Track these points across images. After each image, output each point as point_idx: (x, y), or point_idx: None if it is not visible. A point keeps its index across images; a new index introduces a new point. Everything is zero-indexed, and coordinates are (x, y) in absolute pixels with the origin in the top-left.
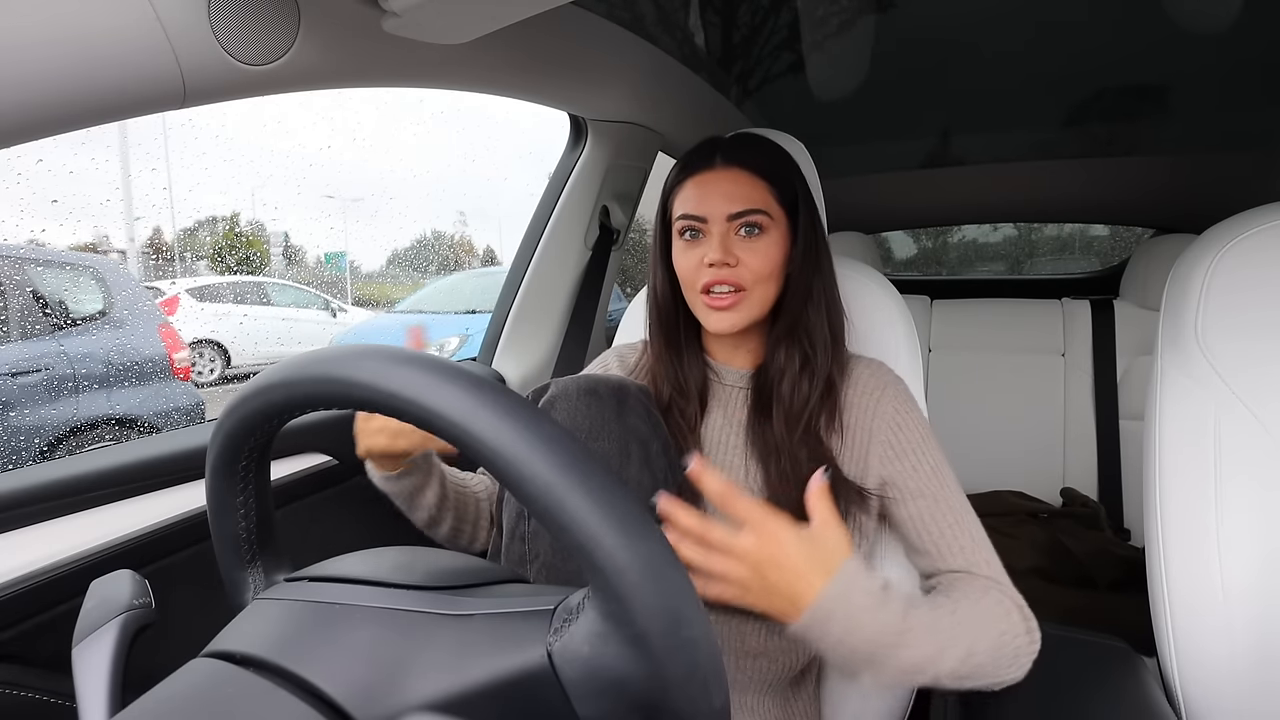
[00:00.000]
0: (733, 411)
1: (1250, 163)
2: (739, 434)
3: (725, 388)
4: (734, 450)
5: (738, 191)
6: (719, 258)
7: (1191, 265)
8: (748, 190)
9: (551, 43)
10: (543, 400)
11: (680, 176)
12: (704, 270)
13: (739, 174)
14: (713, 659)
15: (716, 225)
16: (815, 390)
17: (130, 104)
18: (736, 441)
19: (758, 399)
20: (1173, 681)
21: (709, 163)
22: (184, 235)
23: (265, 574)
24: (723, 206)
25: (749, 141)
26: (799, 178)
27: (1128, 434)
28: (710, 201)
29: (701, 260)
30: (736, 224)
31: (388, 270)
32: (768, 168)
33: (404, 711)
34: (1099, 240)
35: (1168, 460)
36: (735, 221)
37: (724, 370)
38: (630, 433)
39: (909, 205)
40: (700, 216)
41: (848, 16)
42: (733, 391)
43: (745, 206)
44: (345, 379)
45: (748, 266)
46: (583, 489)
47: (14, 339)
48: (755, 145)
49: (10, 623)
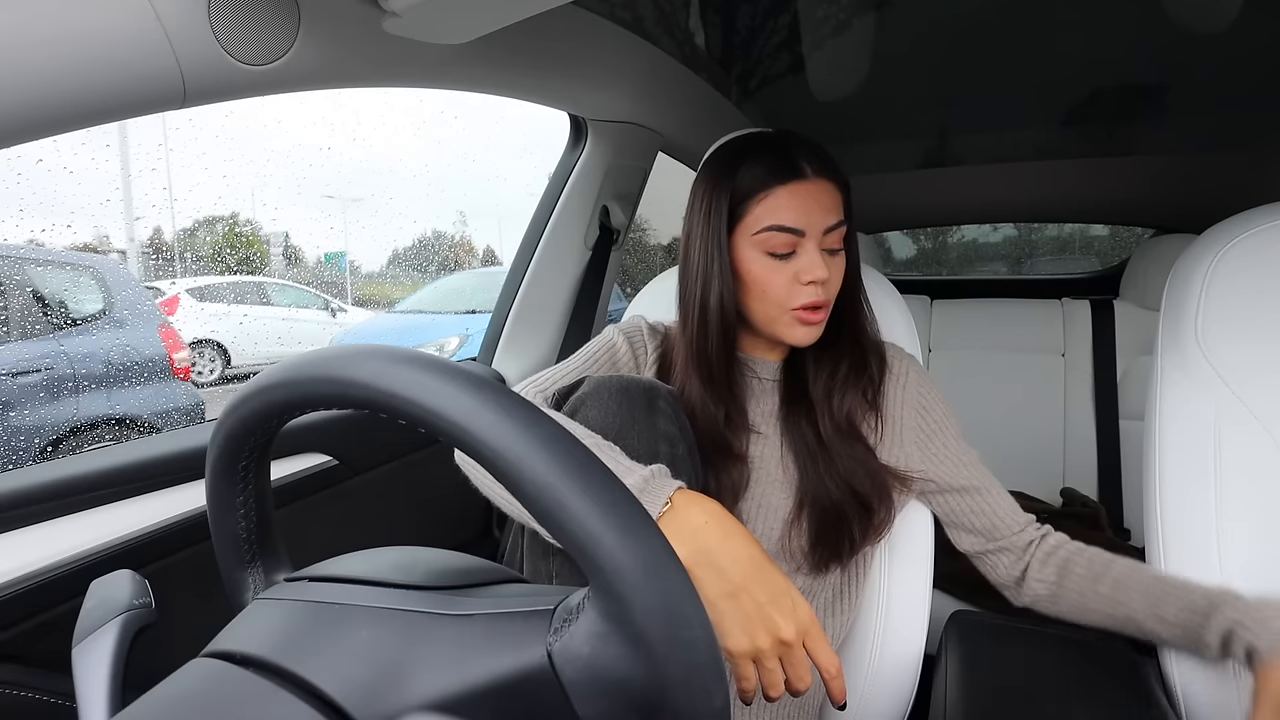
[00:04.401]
0: (765, 403)
1: (1250, 162)
2: (773, 426)
3: (759, 381)
4: (769, 443)
5: (832, 204)
6: (824, 275)
7: (1191, 265)
8: (836, 202)
9: (551, 43)
10: (575, 395)
11: (767, 182)
12: (801, 289)
13: (828, 185)
14: (713, 659)
15: (813, 239)
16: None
17: (130, 104)
18: (770, 433)
19: (788, 391)
20: (1173, 681)
21: (799, 172)
22: (184, 235)
23: (265, 574)
24: (820, 219)
25: (818, 148)
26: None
27: (1128, 434)
28: (810, 214)
29: (795, 277)
30: (830, 238)
31: (388, 270)
32: (842, 178)
33: (404, 711)
34: (1099, 240)
35: (1168, 460)
36: (829, 236)
37: (758, 364)
38: (659, 434)
39: (909, 205)
40: (799, 230)
41: (847, 16)
42: (765, 384)
43: (838, 219)
44: (346, 379)
45: (834, 282)
46: (583, 489)
47: (14, 339)
48: (826, 153)
49: (10, 623)
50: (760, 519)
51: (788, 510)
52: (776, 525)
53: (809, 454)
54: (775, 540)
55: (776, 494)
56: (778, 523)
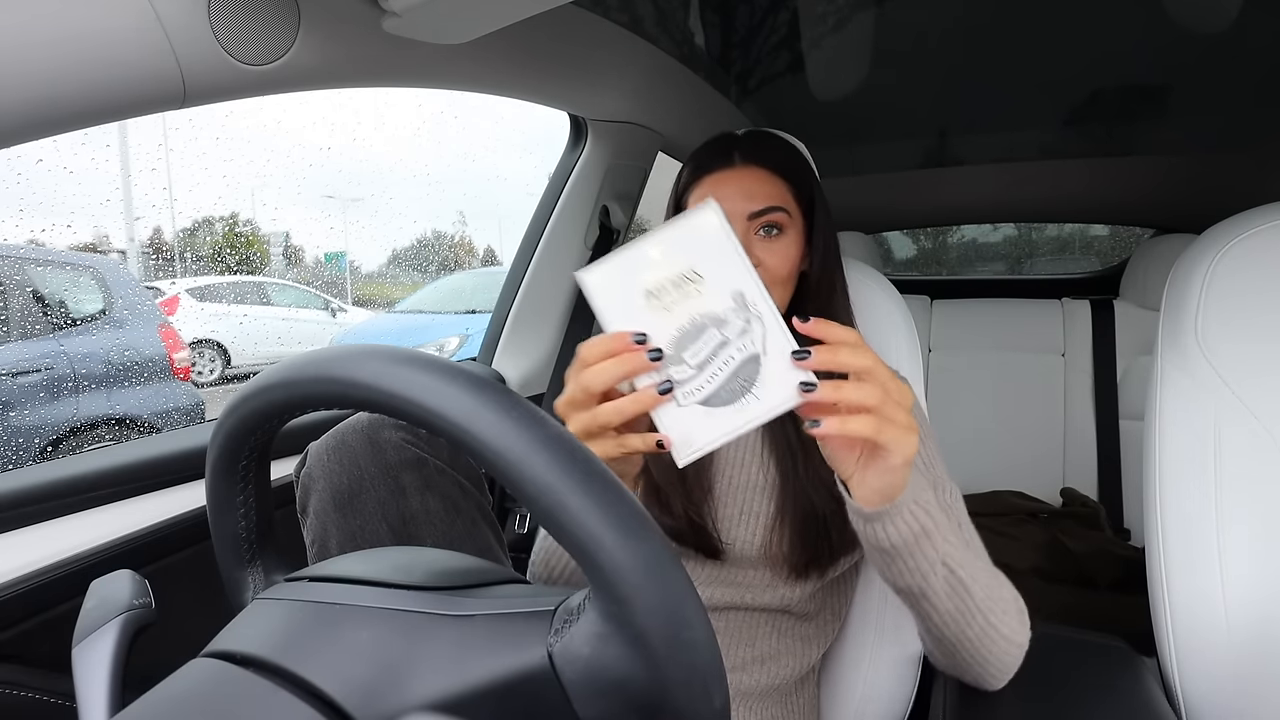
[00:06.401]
0: None
1: (1250, 162)
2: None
3: None
4: (749, 445)
5: (759, 189)
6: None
7: (1191, 265)
8: (768, 188)
9: (551, 43)
10: (304, 472)
11: (695, 174)
12: None
13: (758, 172)
14: (713, 660)
15: (737, 225)
16: None
17: (130, 104)
18: (752, 435)
19: None
20: (1173, 681)
21: (727, 160)
22: (184, 235)
23: (265, 574)
24: (743, 205)
25: (765, 139)
26: (814, 176)
27: (1128, 434)
28: (730, 200)
29: None
30: (757, 223)
31: (388, 270)
32: (786, 165)
33: (404, 712)
34: (1099, 240)
35: (1168, 460)
36: (755, 221)
37: None
38: (389, 468)
39: (909, 205)
40: None
41: (847, 16)
42: None
43: (766, 204)
44: (346, 379)
45: (766, 268)
46: (583, 489)
47: (14, 339)
48: (772, 142)
49: (10, 623)
50: (743, 526)
51: (769, 515)
52: (759, 531)
53: (789, 451)
54: (756, 547)
55: (757, 499)
56: (760, 529)
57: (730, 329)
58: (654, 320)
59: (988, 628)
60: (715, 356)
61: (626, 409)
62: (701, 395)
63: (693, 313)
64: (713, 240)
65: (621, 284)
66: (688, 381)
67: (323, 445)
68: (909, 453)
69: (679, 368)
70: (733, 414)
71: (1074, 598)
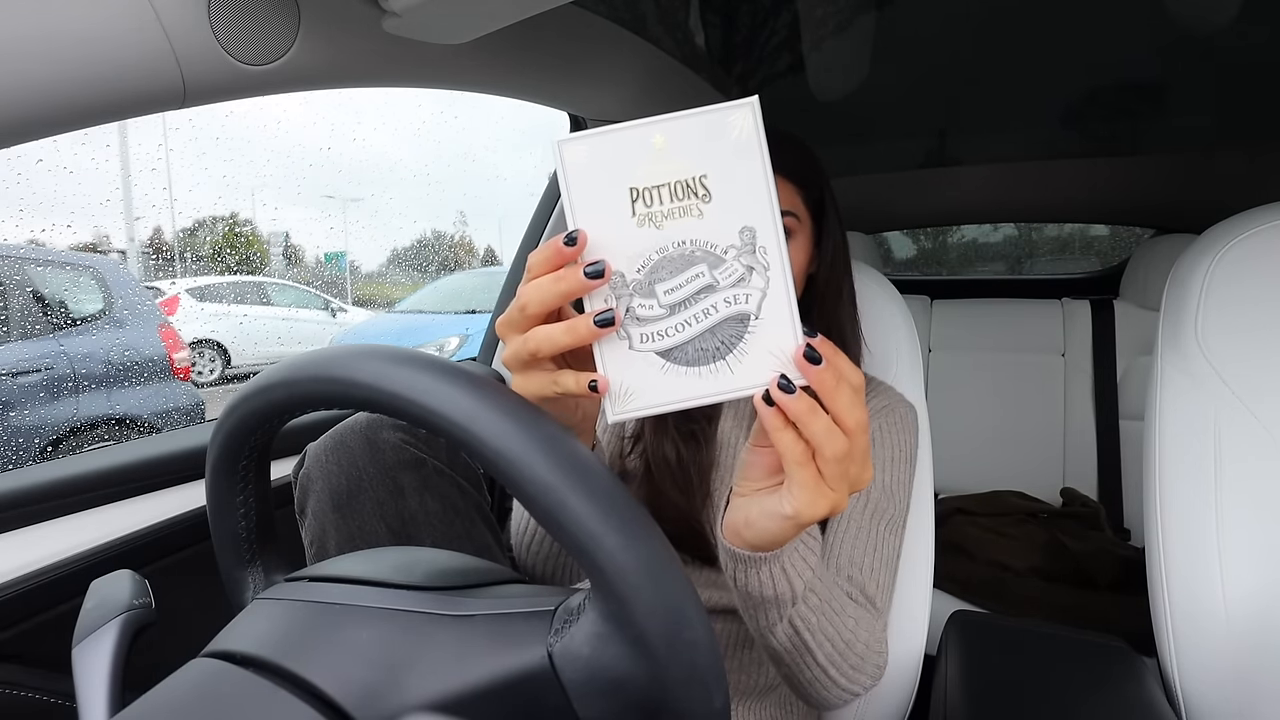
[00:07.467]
0: (743, 412)
1: (1250, 162)
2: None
3: None
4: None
5: None
6: None
7: (1191, 265)
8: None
9: (551, 43)
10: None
11: None
12: None
13: None
14: (713, 660)
15: None
16: None
17: (130, 104)
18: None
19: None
20: (1173, 681)
21: None
22: (184, 235)
23: (265, 574)
24: None
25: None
26: (824, 179)
27: (1128, 434)
28: None
29: None
30: None
31: (388, 270)
32: (796, 168)
33: (404, 712)
34: (1099, 240)
35: (1168, 460)
36: None
37: None
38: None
39: (909, 205)
40: None
41: (847, 16)
42: None
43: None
44: (346, 379)
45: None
46: (583, 490)
47: (14, 339)
48: (782, 144)
49: (10, 623)
50: None
51: None
52: None
53: None
54: None
55: None
56: None
57: (725, 272)
58: (633, 231)
59: (823, 678)
60: (695, 301)
61: (558, 338)
62: (663, 344)
63: (684, 236)
64: (740, 148)
65: (606, 170)
66: (652, 322)
67: (321, 446)
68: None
69: (646, 301)
70: (693, 379)
71: (1074, 598)
